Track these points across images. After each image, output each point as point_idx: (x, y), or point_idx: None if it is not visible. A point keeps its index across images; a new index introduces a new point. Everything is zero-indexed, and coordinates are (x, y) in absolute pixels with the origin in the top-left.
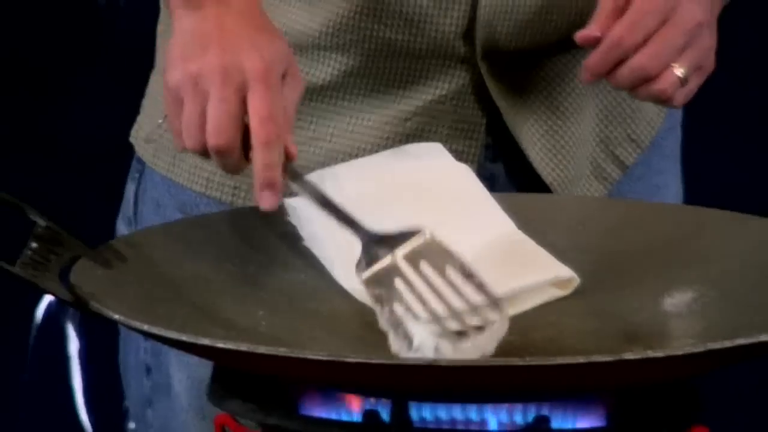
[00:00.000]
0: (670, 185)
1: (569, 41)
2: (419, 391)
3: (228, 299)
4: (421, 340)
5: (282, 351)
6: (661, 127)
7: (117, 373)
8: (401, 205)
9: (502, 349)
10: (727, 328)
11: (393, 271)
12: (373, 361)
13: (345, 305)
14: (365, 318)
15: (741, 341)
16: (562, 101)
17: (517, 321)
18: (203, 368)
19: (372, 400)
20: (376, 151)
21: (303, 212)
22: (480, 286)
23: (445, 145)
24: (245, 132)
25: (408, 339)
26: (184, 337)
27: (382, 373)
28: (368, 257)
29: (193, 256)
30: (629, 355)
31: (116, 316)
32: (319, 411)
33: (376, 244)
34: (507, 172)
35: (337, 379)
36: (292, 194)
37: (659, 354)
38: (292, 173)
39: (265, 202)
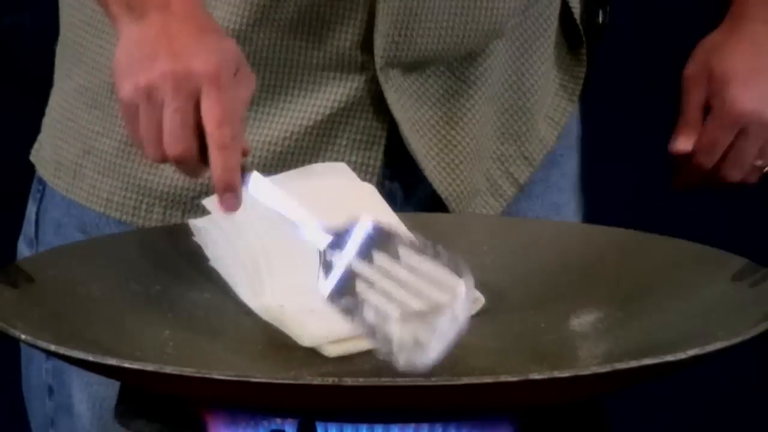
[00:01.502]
0: (569, 203)
1: (471, 53)
2: (325, 410)
3: (134, 319)
4: (400, 340)
5: (188, 371)
6: (557, 145)
7: (21, 394)
8: None
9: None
10: (633, 348)
11: (351, 277)
12: (279, 381)
13: (251, 324)
14: (271, 337)
15: (647, 361)
16: (461, 116)
17: None
18: (105, 388)
19: (278, 419)
20: (275, 165)
21: (208, 233)
22: (437, 256)
23: (345, 157)
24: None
25: (388, 341)
26: (90, 357)
27: (288, 393)
28: (325, 266)
29: (99, 276)
30: (535, 375)
31: (23, 336)
32: (225, 430)
33: (329, 250)
34: (404, 190)
35: (243, 398)
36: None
37: (565, 374)
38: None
39: (227, 205)
